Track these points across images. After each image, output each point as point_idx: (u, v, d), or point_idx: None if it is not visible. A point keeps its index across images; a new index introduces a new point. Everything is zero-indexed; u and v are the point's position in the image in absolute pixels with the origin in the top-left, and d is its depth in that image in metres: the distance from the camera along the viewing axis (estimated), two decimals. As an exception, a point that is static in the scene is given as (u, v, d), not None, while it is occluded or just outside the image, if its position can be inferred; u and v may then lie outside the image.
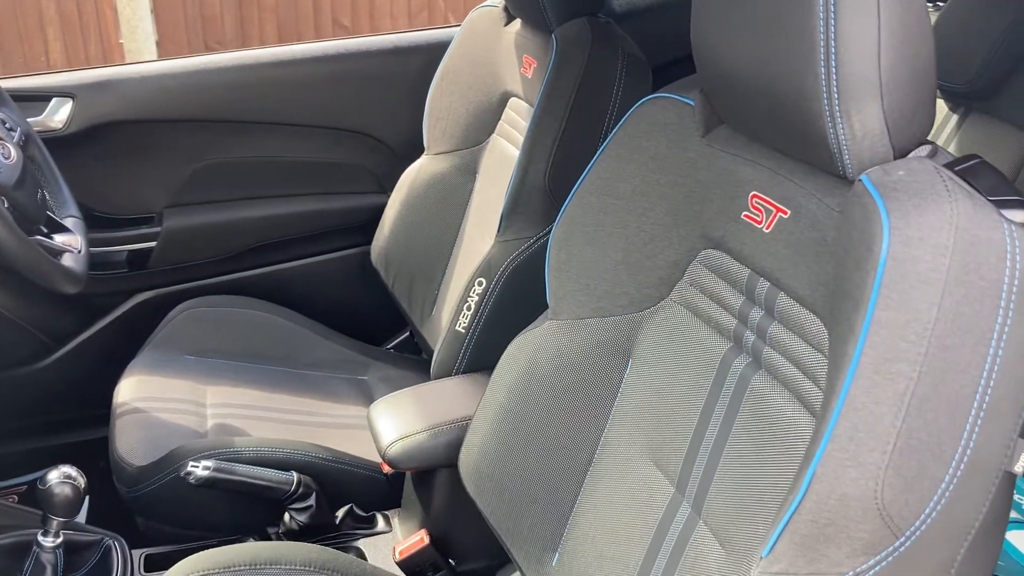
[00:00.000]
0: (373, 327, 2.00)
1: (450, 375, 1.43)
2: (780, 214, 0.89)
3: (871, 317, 0.70)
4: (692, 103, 1.01)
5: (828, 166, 0.82)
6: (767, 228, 0.91)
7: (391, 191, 1.83)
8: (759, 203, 0.92)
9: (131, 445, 1.46)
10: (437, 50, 1.82)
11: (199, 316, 1.78)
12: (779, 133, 0.87)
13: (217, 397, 1.60)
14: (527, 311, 1.21)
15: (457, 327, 1.43)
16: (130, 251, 1.88)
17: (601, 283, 1.09)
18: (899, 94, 0.76)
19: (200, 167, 1.91)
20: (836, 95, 0.76)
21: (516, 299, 1.40)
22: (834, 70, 0.75)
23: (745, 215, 0.94)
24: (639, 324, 1.07)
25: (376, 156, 1.98)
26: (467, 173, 1.71)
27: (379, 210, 1.85)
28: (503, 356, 1.17)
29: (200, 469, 1.33)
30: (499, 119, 1.66)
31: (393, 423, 1.30)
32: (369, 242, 1.86)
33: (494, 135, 1.67)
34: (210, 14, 4.18)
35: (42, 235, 1.41)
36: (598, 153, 1.10)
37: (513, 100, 1.63)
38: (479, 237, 1.64)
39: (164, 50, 4.15)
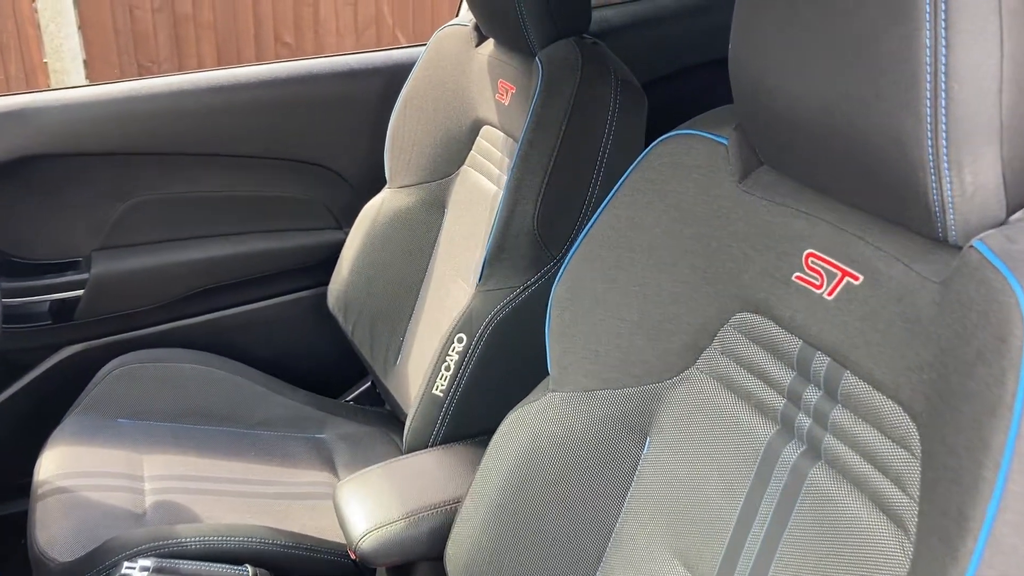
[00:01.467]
0: (330, 378, 1.85)
1: (427, 446, 1.26)
2: (849, 279, 0.74)
3: (1017, 431, 0.55)
4: (725, 142, 0.86)
5: (920, 225, 0.67)
6: (829, 295, 0.76)
7: (349, 228, 1.69)
8: (817, 264, 0.77)
9: (53, 535, 1.26)
10: (399, 73, 1.68)
11: (134, 373, 1.60)
12: (851, 182, 0.71)
13: (156, 468, 1.43)
14: (514, 372, 1.08)
15: (434, 390, 1.26)
16: (54, 301, 1.69)
17: (613, 350, 0.94)
18: (1021, 139, 0.61)
19: (132, 205, 1.73)
20: (944, 141, 0.61)
21: (501, 358, 1.24)
22: (943, 110, 0.60)
23: (798, 277, 0.79)
24: (659, 397, 0.93)
25: (332, 189, 1.82)
26: (435, 208, 1.56)
27: (336, 249, 1.71)
28: (496, 434, 1.01)
29: (137, 571, 1.14)
30: (470, 149, 1.51)
31: (364, 509, 1.12)
32: (325, 284, 1.71)
33: (464, 166, 1.52)
34: (142, 31, 3.95)
35: (-56, 294, 1.21)
36: (608, 199, 0.94)
37: (486, 128, 1.47)
38: (450, 279, 1.49)
39: (93, 70, 3.92)
